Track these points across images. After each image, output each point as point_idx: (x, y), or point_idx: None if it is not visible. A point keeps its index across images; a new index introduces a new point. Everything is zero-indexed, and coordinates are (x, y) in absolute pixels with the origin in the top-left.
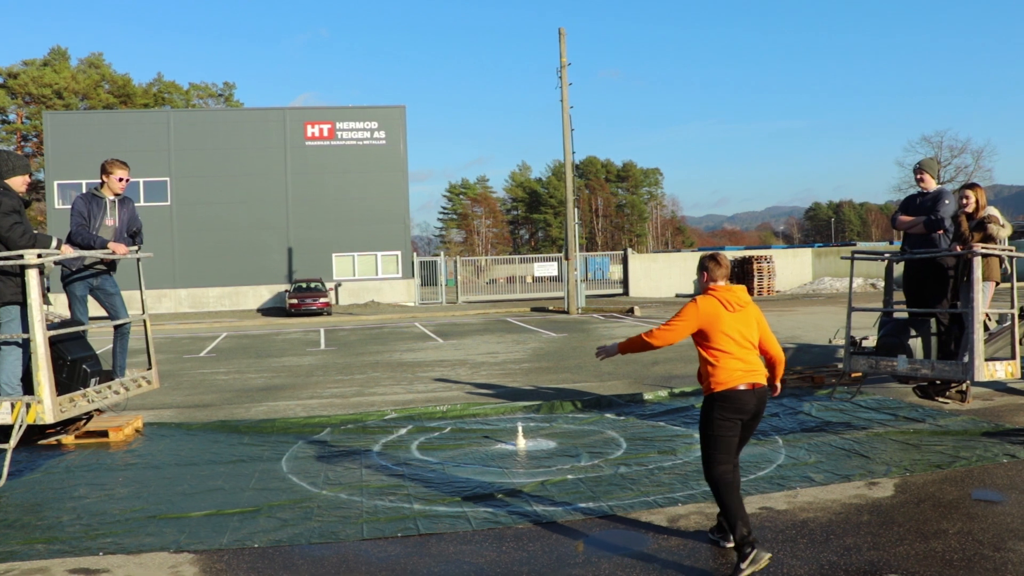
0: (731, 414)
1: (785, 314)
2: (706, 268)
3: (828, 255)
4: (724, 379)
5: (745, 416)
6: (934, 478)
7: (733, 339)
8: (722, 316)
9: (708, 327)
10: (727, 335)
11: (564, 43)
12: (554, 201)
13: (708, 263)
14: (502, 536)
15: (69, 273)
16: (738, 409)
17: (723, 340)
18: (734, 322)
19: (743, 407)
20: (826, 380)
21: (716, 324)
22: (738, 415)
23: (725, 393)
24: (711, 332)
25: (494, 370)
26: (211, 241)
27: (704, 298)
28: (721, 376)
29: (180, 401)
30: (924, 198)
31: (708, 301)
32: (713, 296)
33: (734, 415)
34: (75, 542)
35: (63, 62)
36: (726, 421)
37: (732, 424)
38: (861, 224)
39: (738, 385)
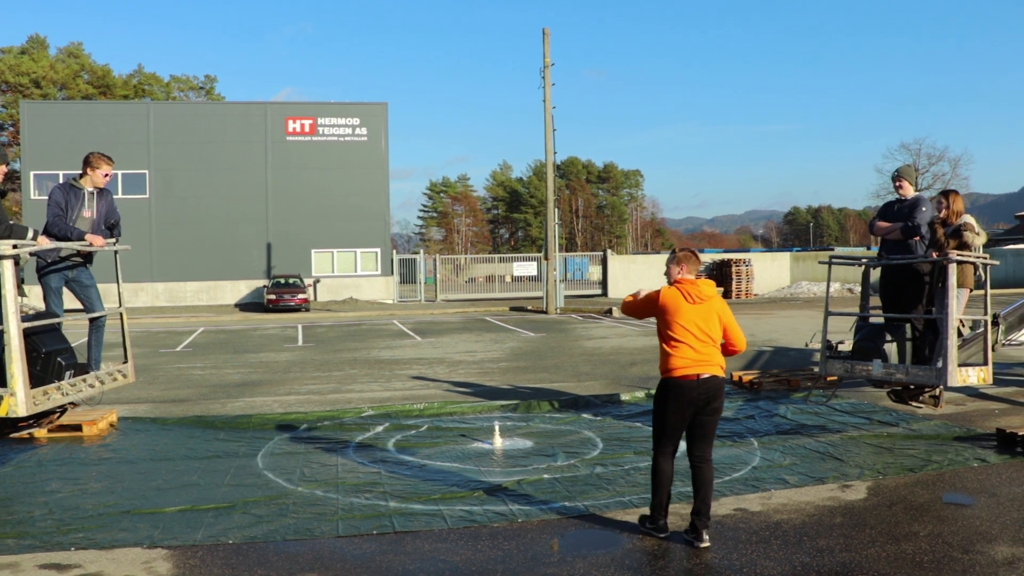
0: (676, 400)
1: (763, 318)
2: (680, 262)
3: (806, 259)
4: (674, 366)
5: (691, 405)
6: (906, 481)
7: (689, 330)
8: (682, 307)
9: (667, 315)
10: (683, 326)
11: (548, 43)
12: (535, 201)
13: (683, 257)
14: (478, 535)
15: (44, 264)
16: (682, 396)
17: (679, 330)
18: (693, 314)
19: (687, 395)
20: (802, 383)
21: (675, 314)
22: (681, 403)
23: (672, 381)
24: (670, 321)
25: (472, 369)
26: (189, 235)
27: (668, 288)
28: (672, 363)
29: (156, 396)
30: (902, 204)
31: (671, 292)
32: (677, 288)
33: (677, 403)
34: (46, 537)
35: (42, 51)
36: (672, 406)
37: (675, 409)
38: (840, 229)
39: (687, 373)
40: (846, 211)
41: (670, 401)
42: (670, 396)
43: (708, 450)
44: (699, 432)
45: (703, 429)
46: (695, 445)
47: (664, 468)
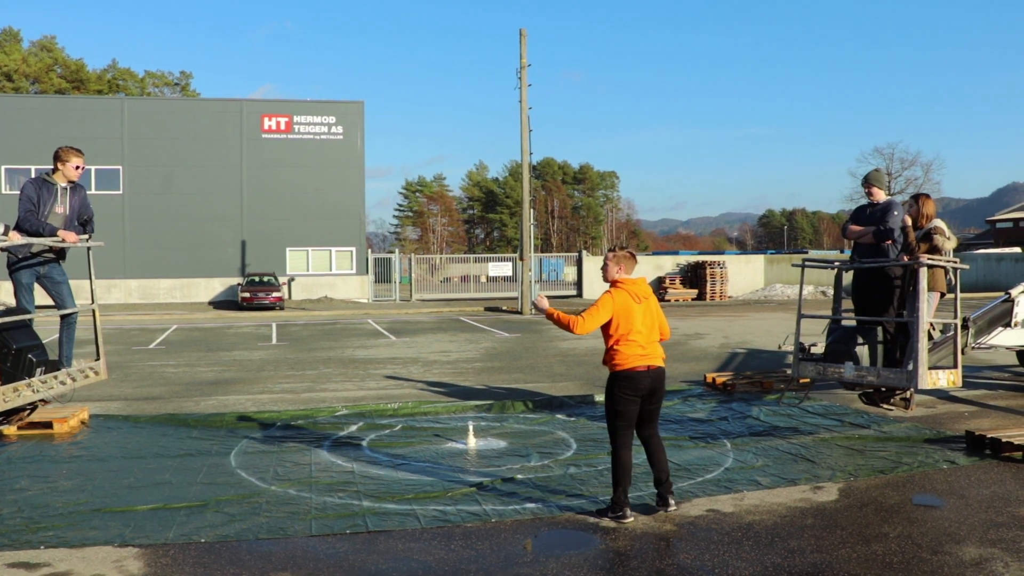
0: (629, 392)
1: (737, 319)
2: (620, 262)
3: (780, 262)
4: (624, 361)
5: (642, 393)
6: (877, 483)
7: (637, 327)
8: (631, 307)
9: (619, 316)
10: (633, 324)
11: (524, 44)
12: (510, 201)
13: (625, 258)
14: (451, 534)
15: (16, 260)
16: (634, 387)
17: (629, 328)
18: (640, 312)
19: (638, 385)
20: (775, 385)
21: (626, 314)
22: (635, 392)
23: (625, 373)
24: (621, 321)
25: (446, 369)
26: (163, 232)
27: (617, 291)
28: (622, 358)
29: (128, 393)
30: (874, 208)
31: (621, 294)
32: (623, 289)
33: (631, 392)
34: (15, 535)
35: (14, 44)
36: (625, 398)
37: (630, 400)
38: (813, 232)
39: (636, 366)
40: (820, 214)
41: (624, 391)
42: (624, 387)
43: (656, 427)
44: (647, 417)
45: (650, 415)
46: (644, 427)
47: (627, 458)
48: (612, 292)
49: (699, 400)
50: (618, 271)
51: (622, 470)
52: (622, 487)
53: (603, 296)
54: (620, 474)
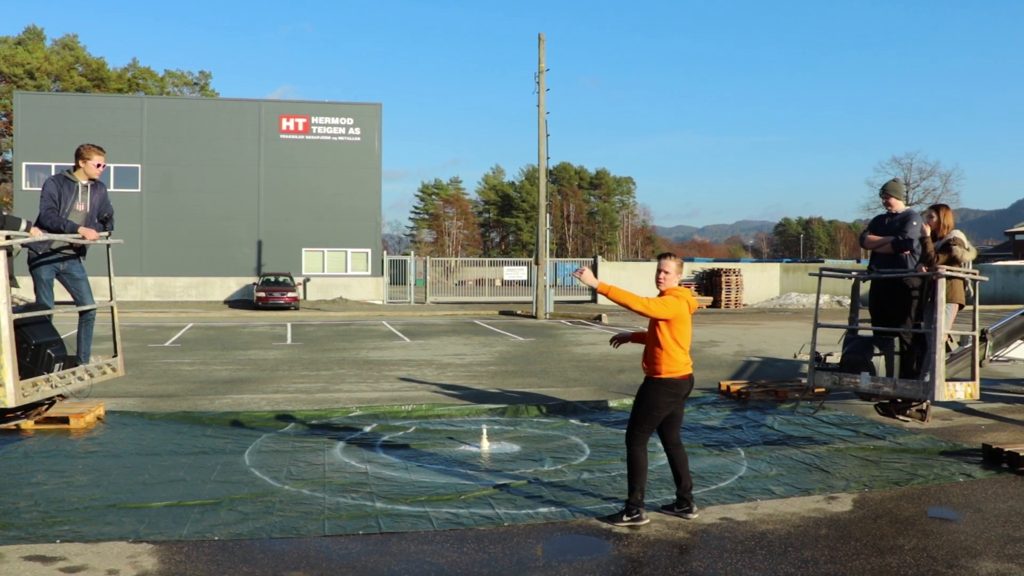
0: (670, 397)
1: (752, 328)
2: (668, 270)
3: (796, 271)
4: (674, 368)
5: (680, 398)
6: (892, 494)
7: (687, 335)
8: (686, 315)
9: (679, 321)
10: (686, 332)
11: (543, 48)
12: (526, 205)
13: (674, 264)
14: (464, 537)
15: (36, 256)
16: (676, 393)
17: (684, 336)
18: (689, 321)
19: (680, 391)
20: (789, 394)
21: (684, 321)
22: (674, 398)
23: (672, 379)
24: (677, 325)
25: (460, 372)
26: (180, 230)
27: (678, 299)
28: (674, 365)
29: (143, 390)
30: (893, 218)
31: (681, 302)
32: (682, 297)
33: (671, 398)
34: (32, 528)
35: (37, 42)
36: (665, 403)
37: (668, 404)
38: (830, 241)
39: (684, 374)
40: (836, 223)
41: (665, 397)
42: (668, 392)
43: (679, 434)
44: (674, 421)
45: (677, 418)
46: (671, 432)
47: (644, 457)
48: (677, 295)
49: (713, 408)
50: (674, 279)
51: (639, 470)
52: (639, 488)
53: (667, 297)
54: (638, 474)
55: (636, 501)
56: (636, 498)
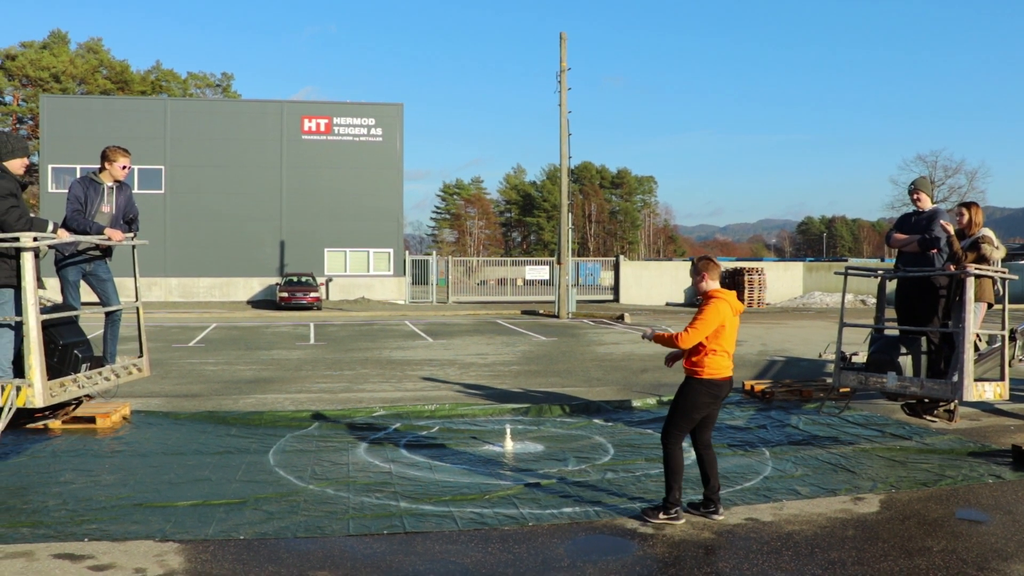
0: (711, 398)
1: (775, 327)
2: (704, 272)
3: (819, 270)
4: (716, 369)
5: (719, 399)
6: (919, 496)
7: (730, 338)
8: (729, 317)
9: (722, 325)
10: (728, 334)
11: (564, 47)
12: (547, 205)
13: (706, 267)
14: (488, 537)
15: (62, 258)
16: (716, 395)
17: (726, 338)
18: (733, 323)
19: (721, 392)
20: (814, 394)
21: (726, 323)
22: (714, 399)
23: (714, 380)
24: (721, 330)
25: (483, 371)
26: (203, 231)
27: (720, 301)
28: (715, 367)
29: (168, 390)
30: (919, 216)
31: (723, 304)
32: (724, 299)
33: (711, 399)
34: (60, 527)
35: (62, 46)
36: (705, 403)
37: (706, 405)
38: (853, 240)
39: (725, 376)
40: (860, 222)
41: (705, 398)
42: (708, 393)
43: (711, 436)
44: (708, 422)
45: (711, 420)
46: (703, 433)
47: (680, 456)
48: (716, 302)
49: (737, 407)
50: (709, 280)
51: (676, 469)
52: (676, 486)
53: (709, 306)
54: (675, 473)
55: (674, 500)
56: (675, 497)
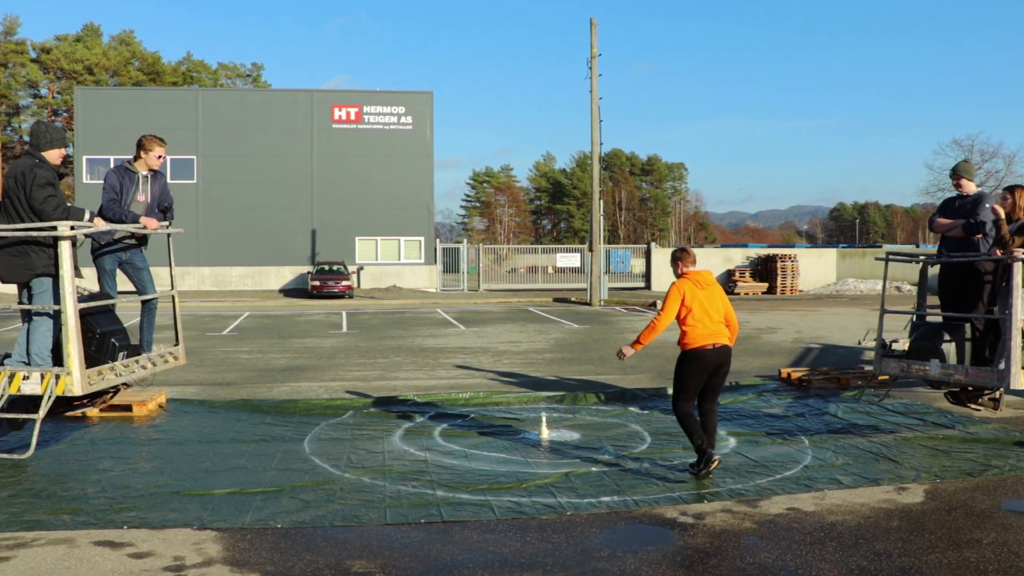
0: (696, 366)
1: (809, 314)
2: (679, 259)
3: (853, 256)
4: (692, 340)
5: (708, 367)
6: (965, 486)
7: (703, 310)
8: (695, 293)
9: (687, 303)
10: (698, 307)
11: (595, 33)
12: (577, 192)
13: (680, 255)
14: (526, 526)
15: (99, 246)
16: (701, 362)
17: (695, 311)
18: (703, 297)
19: (704, 360)
20: (852, 382)
21: (691, 299)
22: (702, 368)
23: (694, 351)
24: (687, 304)
25: (516, 359)
26: (236, 220)
27: (682, 281)
28: (690, 338)
29: (203, 378)
30: (963, 201)
31: (684, 283)
32: (687, 279)
33: (699, 368)
34: (100, 514)
35: (95, 38)
36: (692, 371)
37: (697, 373)
38: (886, 226)
39: (704, 344)
40: (893, 208)
41: (692, 367)
42: (693, 363)
43: (715, 403)
44: (710, 391)
45: (713, 389)
46: (706, 400)
47: (691, 413)
48: (678, 283)
49: (774, 395)
50: (683, 267)
51: (691, 423)
52: (697, 436)
53: (671, 288)
54: (692, 427)
55: (702, 448)
56: (700, 445)
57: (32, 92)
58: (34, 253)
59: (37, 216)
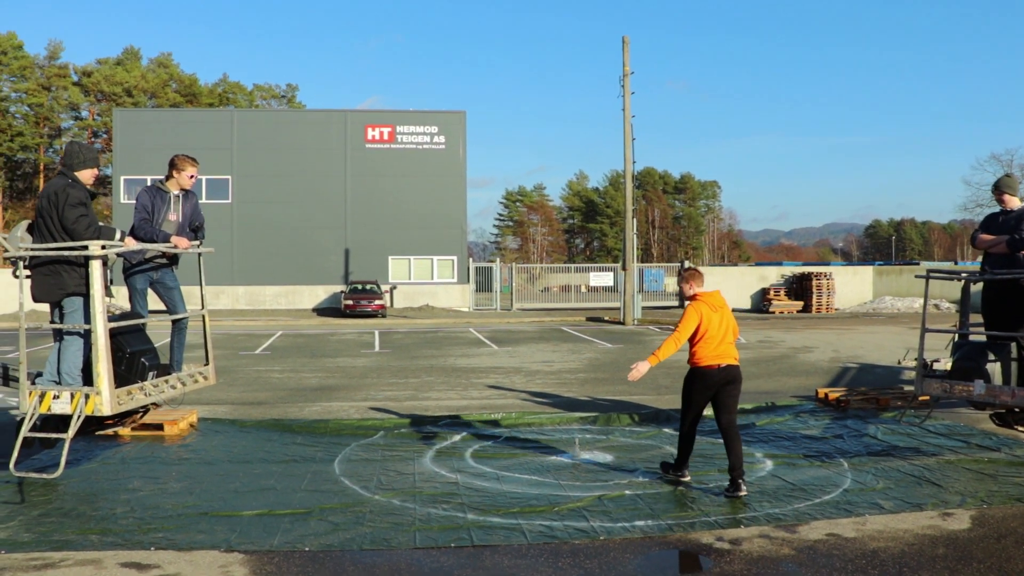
0: (701, 384)
1: (846, 333)
2: (690, 280)
3: (889, 274)
4: (701, 360)
5: (713, 386)
6: (1014, 512)
7: (713, 332)
8: (711, 316)
9: (703, 324)
10: (709, 329)
11: (627, 51)
12: (610, 211)
13: (690, 276)
14: (558, 551)
15: (130, 266)
16: (705, 380)
17: (705, 332)
18: (716, 321)
19: (709, 379)
20: (892, 402)
21: (707, 322)
22: (706, 386)
23: (700, 369)
24: (701, 327)
25: (549, 379)
26: (270, 240)
27: (698, 303)
28: (699, 358)
29: (235, 398)
30: (1007, 216)
31: (701, 305)
32: (703, 301)
33: (703, 386)
34: (128, 535)
35: (134, 61)
36: (697, 388)
37: (701, 390)
38: (923, 243)
39: (710, 364)
40: (930, 224)
41: (697, 384)
42: (699, 381)
43: (733, 417)
44: (724, 405)
45: (725, 405)
46: (723, 415)
47: (693, 433)
48: (695, 304)
49: (811, 416)
50: (695, 287)
51: (690, 441)
52: (685, 454)
53: (688, 309)
54: (688, 444)
55: (682, 462)
56: (682, 460)
57: (74, 114)
58: (65, 273)
59: (69, 236)
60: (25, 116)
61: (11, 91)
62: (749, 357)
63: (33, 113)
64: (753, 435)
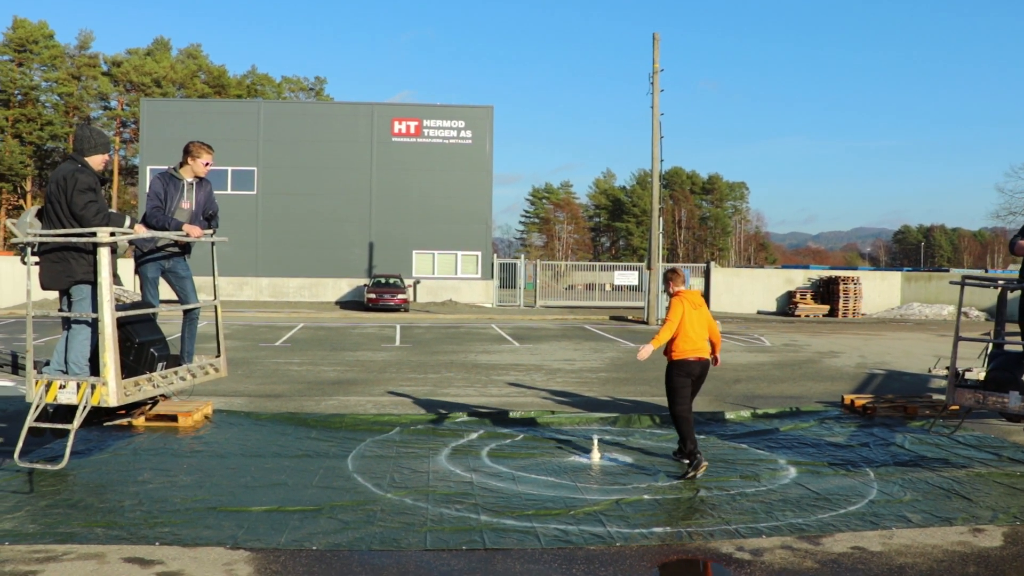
0: (683, 375)
1: (872, 338)
2: (671, 280)
3: (918, 280)
4: (681, 352)
5: (692, 376)
6: None
7: (692, 327)
8: (690, 312)
9: (685, 317)
10: (689, 324)
11: (658, 49)
12: (637, 210)
13: (673, 276)
14: (572, 557)
15: (141, 254)
16: (687, 371)
17: (686, 327)
18: (694, 316)
19: (690, 370)
20: (920, 411)
21: (687, 316)
22: (687, 375)
23: (681, 360)
24: (683, 320)
25: (570, 378)
26: (294, 232)
27: (680, 299)
28: (680, 351)
29: (252, 390)
30: None
31: (682, 301)
32: (684, 299)
33: (685, 375)
34: (133, 528)
35: (164, 52)
36: (680, 379)
37: (684, 380)
38: (952, 250)
39: (688, 356)
40: (960, 231)
41: (679, 373)
42: (679, 371)
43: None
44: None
45: (692, 395)
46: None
47: (685, 412)
48: (678, 298)
49: (837, 423)
50: (676, 286)
51: (684, 423)
52: (690, 438)
53: (673, 301)
54: (684, 427)
55: (692, 451)
56: (691, 447)
57: (103, 104)
58: (74, 260)
59: (77, 222)
60: (55, 105)
61: (41, 80)
62: (773, 360)
63: (63, 102)
64: (777, 440)
